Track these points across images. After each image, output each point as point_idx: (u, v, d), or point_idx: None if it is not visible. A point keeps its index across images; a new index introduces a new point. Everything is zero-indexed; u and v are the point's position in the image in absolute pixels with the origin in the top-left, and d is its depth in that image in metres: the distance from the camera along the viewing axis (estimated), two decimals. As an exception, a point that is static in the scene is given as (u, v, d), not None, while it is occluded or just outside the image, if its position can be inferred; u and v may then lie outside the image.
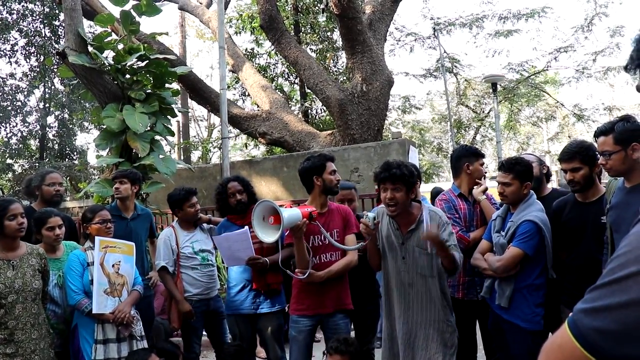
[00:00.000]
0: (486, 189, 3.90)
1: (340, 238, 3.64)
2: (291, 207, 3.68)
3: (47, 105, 18.29)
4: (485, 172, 3.99)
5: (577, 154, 3.18)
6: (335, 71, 15.48)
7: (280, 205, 3.90)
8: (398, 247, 3.23)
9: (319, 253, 3.58)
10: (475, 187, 3.90)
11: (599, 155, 3.00)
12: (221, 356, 4.30)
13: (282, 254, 3.60)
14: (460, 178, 3.99)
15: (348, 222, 3.71)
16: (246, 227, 3.84)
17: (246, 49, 15.58)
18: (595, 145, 3.12)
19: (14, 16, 16.62)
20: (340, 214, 3.71)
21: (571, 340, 0.86)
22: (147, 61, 6.39)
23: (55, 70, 14.34)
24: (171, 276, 4.38)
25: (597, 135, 2.97)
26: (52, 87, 18.34)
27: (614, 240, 2.89)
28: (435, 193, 6.54)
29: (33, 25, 17.12)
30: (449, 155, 4.35)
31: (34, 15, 16.96)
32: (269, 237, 3.25)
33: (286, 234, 3.58)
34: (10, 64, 17.22)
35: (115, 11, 7.03)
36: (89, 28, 13.49)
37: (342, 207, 3.84)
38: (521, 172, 3.39)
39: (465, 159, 3.96)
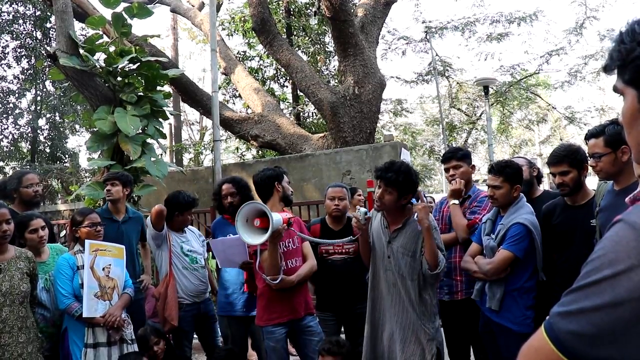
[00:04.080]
0: (455, 190, 3.82)
1: (299, 245, 3.72)
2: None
3: (38, 107, 18.20)
4: (453, 176, 3.88)
5: (565, 158, 3.19)
6: (327, 74, 15.49)
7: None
8: (385, 246, 3.27)
9: (286, 259, 3.60)
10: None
11: (589, 158, 3.02)
12: (212, 357, 4.30)
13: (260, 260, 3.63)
14: None
15: (302, 230, 3.79)
16: None
17: (238, 52, 15.56)
18: (583, 148, 3.14)
19: (5, 17, 16.52)
20: (296, 223, 3.76)
21: (547, 343, 0.87)
22: (139, 64, 6.38)
23: (47, 72, 14.27)
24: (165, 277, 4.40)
25: (587, 137, 2.99)
26: (44, 89, 18.25)
27: (603, 242, 2.90)
28: None
29: (24, 28, 17.04)
30: (441, 159, 4.31)
31: (25, 17, 16.88)
32: (254, 239, 3.24)
33: None
34: (1, 67, 17.14)
35: (107, 13, 7.01)
36: (81, 30, 13.45)
37: (294, 217, 3.89)
38: (511, 175, 3.40)
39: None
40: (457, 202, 3.82)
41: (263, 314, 3.64)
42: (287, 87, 16.04)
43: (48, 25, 16.46)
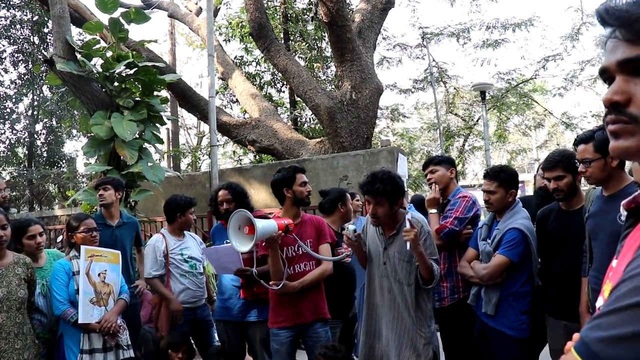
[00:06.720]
0: (431, 200, 3.83)
1: (314, 248, 3.65)
2: (279, 215, 3.68)
3: (35, 112, 18.20)
4: (430, 180, 3.90)
5: (559, 163, 3.19)
6: (325, 79, 15.52)
7: (269, 213, 3.91)
8: (381, 252, 3.27)
9: (292, 264, 3.59)
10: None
11: (578, 164, 3.03)
12: (205, 357, 4.33)
13: (259, 267, 3.61)
14: None
15: (321, 232, 3.72)
16: None
17: (235, 57, 15.59)
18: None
19: (3, 22, 16.54)
20: (314, 224, 3.72)
21: None
22: (136, 69, 6.39)
23: (44, 77, 14.27)
24: (160, 280, 4.38)
25: (577, 143, 2.99)
26: (41, 94, 18.27)
27: (592, 248, 2.92)
28: (413, 201, 6.54)
29: (22, 33, 17.06)
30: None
31: (23, 22, 16.91)
32: (243, 246, 3.28)
33: (263, 245, 3.57)
34: (-2, 72, 17.17)
35: (104, 18, 7.03)
36: (78, 35, 13.47)
37: (315, 218, 3.86)
38: (506, 180, 3.41)
39: None
40: (434, 211, 3.80)
41: (271, 316, 3.65)
42: (284, 92, 16.09)
43: (45, 30, 16.48)
